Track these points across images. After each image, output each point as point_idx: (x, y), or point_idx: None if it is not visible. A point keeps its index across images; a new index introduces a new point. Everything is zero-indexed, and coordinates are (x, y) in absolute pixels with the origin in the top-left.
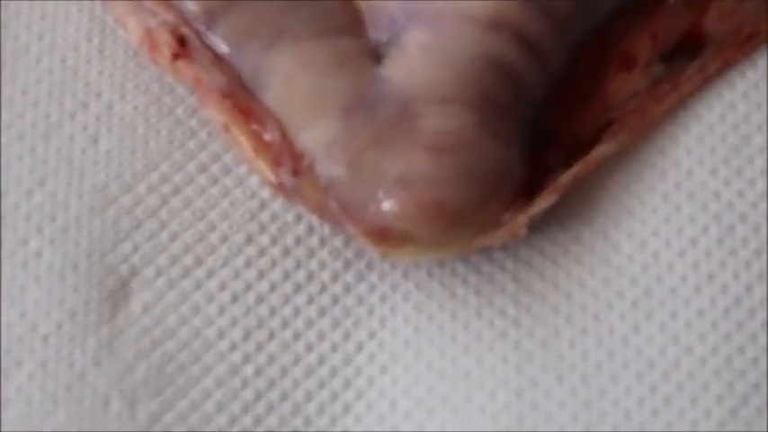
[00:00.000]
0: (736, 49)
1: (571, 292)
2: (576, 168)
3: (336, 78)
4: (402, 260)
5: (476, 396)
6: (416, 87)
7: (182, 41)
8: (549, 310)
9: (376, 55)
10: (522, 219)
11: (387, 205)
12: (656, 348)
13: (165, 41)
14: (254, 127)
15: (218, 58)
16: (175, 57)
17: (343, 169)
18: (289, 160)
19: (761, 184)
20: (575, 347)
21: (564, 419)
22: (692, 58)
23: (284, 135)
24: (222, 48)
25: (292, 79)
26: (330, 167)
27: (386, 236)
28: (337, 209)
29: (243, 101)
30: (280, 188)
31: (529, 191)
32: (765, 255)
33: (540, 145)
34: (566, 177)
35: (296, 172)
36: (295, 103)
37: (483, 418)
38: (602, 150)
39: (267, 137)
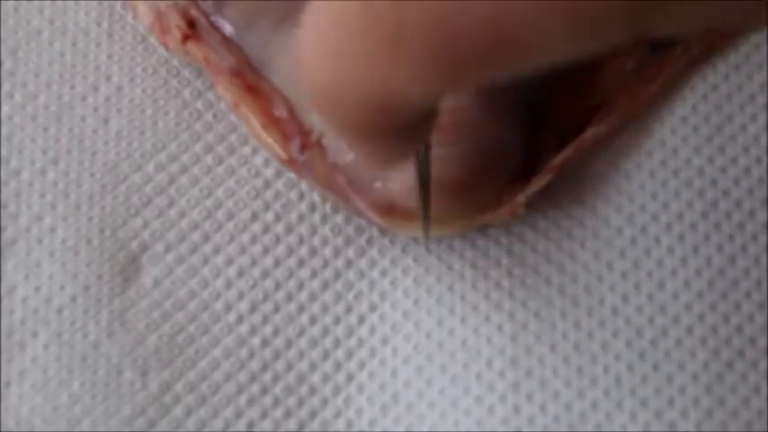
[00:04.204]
0: (720, 34)
1: (563, 265)
2: (569, 150)
3: None
4: (408, 234)
5: (473, 364)
6: None
7: (191, 24)
8: (542, 282)
9: None
10: (521, 198)
11: (393, 183)
12: (644, 318)
13: (176, 23)
14: (264, 104)
15: (227, 40)
16: (185, 38)
17: (351, 152)
18: (297, 135)
19: (743, 161)
20: (567, 317)
21: (557, 385)
22: (677, 42)
23: (292, 112)
24: (230, 29)
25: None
26: (338, 149)
27: (392, 210)
28: (345, 184)
29: (251, 80)
30: (290, 163)
31: (525, 172)
32: (748, 228)
33: (534, 127)
34: (559, 158)
35: (304, 146)
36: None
37: (480, 385)
38: (593, 132)
39: (276, 113)
